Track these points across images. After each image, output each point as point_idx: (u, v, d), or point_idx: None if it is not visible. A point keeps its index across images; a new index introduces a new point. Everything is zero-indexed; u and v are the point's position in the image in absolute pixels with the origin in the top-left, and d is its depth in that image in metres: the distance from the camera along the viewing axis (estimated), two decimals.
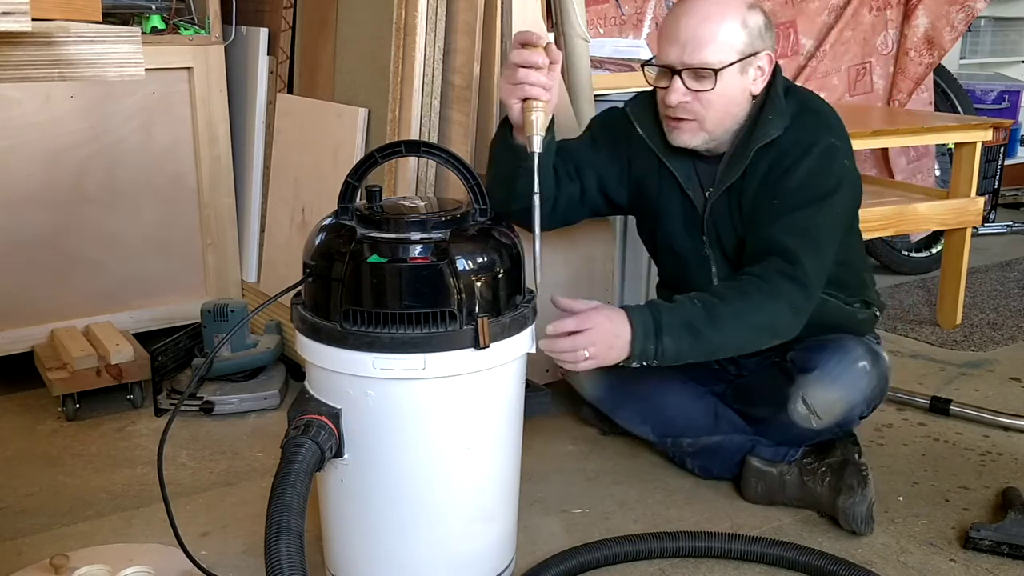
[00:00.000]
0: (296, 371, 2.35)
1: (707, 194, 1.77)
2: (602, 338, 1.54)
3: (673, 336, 1.57)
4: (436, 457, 1.42)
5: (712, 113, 1.67)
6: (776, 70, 1.72)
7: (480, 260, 1.39)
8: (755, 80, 1.69)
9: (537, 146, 1.52)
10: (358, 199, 1.47)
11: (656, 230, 1.88)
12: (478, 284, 1.38)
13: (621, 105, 1.88)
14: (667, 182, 1.81)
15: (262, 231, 2.62)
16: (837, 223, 1.69)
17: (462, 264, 1.37)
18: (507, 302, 1.43)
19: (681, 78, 1.64)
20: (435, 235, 1.38)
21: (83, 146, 2.38)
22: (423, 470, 1.42)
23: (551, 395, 2.14)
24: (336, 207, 1.45)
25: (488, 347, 1.37)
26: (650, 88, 1.75)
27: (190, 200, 2.53)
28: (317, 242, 1.43)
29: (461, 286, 1.36)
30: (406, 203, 1.49)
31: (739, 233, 1.75)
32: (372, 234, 1.38)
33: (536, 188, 1.48)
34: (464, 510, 1.46)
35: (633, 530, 1.71)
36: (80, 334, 2.35)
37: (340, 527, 1.49)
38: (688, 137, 1.71)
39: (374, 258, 1.36)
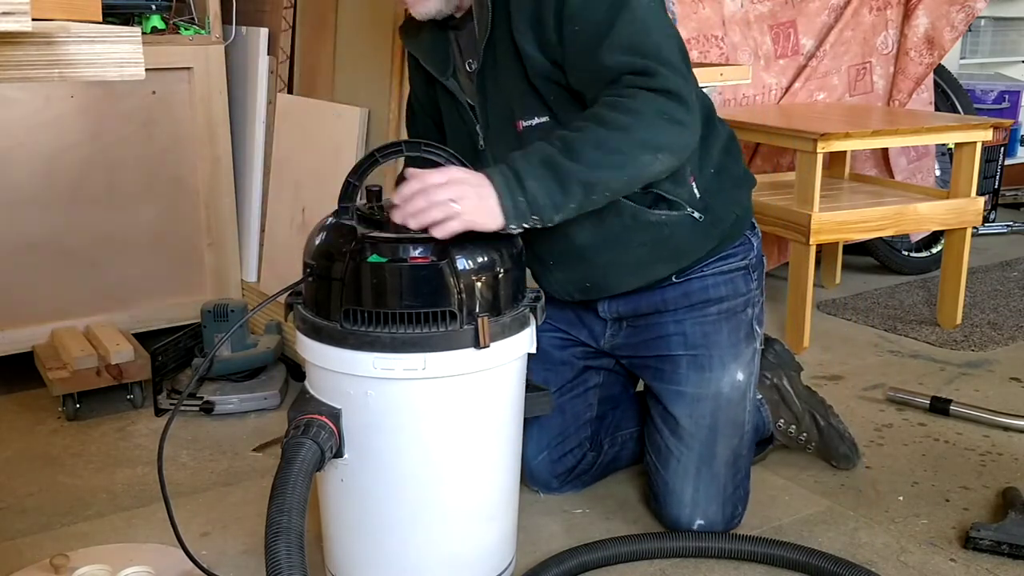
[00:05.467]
0: (296, 371, 2.35)
1: (473, 69, 1.57)
2: (468, 192, 1.36)
3: (536, 178, 1.38)
4: (436, 457, 1.42)
5: None
6: None
7: (480, 259, 1.38)
8: None
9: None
10: (358, 199, 1.47)
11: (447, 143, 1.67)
12: (478, 284, 1.37)
13: None
14: (436, 80, 1.64)
15: (262, 231, 2.62)
16: (656, 20, 1.47)
17: (462, 264, 1.36)
18: (508, 302, 1.42)
19: None
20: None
21: (83, 146, 2.38)
22: (423, 470, 1.42)
23: (551, 395, 2.14)
24: (336, 207, 1.45)
25: (488, 347, 1.37)
26: None
27: (190, 200, 2.53)
28: (317, 242, 1.43)
29: (461, 286, 1.35)
30: None
31: (518, 111, 1.55)
32: (373, 234, 1.37)
33: None
34: (464, 510, 1.46)
35: (633, 530, 1.71)
36: (80, 334, 2.35)
37: (340, 527, 1.49)
38: (423, 7, 1.53)
39: (374, 258, 1.35)
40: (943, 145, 3.39)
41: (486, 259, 1.39)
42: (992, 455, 2.01)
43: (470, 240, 1.38)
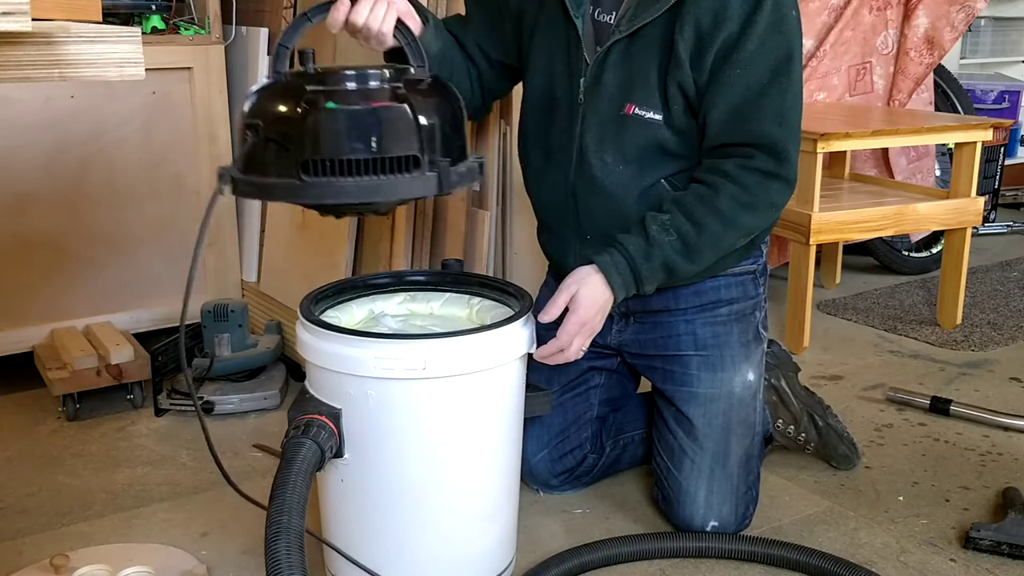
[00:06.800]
0: (296, 371, 2.35)
1: (603, 21, 1.55)
2: (595, 324, 1.53)
3: (652, 280, 1.53)
4: (436, 457, 1.42)
5: None
6: None
7: (436, 107, 1.35)
8: None
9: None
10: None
11: (527, 72, 1.67)
12: (437, 130, 1.33)
13: None
14: (549, 2, 1.60)
15: (262, 231, 2.62)
16: (801, 89, 1.54)
17: (421, 110, 1.32)
18: (461, 152, 1.40)
19: None
20: (385, 81, 1.34)
21: (83, 146, 2.38)
22: (423, 470, 1.42)
23: (551, 395, 2.14)
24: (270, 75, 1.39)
25: (451, 193, 1.36)
26: None
27: (190, 200, 2.53)
28: (261, 101, 1.36)
29: (422, 130, 1.31)
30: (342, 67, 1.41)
31: (637, 96, 1.53)
32: (319, 86, 1.31)
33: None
34: (464, 510, 1.46)
35: (633, 530, 1.71)
36: (80, 334, 2.35)
37: (340, 527, 1.49)
38: None
39: (331, 104, 1.29)
40: (943, 145, 3.39)
41: (441, 108, 1.36)
42: (992, 455, 2.01)
43: (421, 92, 1.35)
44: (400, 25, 1.48)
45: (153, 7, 2.39)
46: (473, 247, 2.05)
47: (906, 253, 3.35)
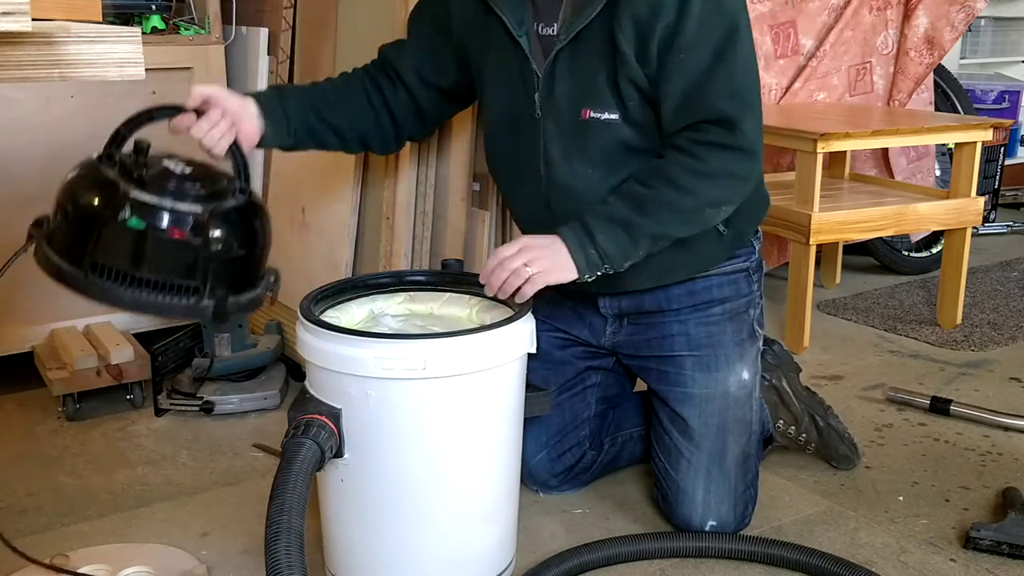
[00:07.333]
0: (296, 371, 2.35)
1: (546, 35, 1.55)
2: (539, 253, 1.48)
3: (606, 233, 1.48)
4: (437, 457, 1.42)
5: None
6: None
7: (236, 239, 1.40)
8: None
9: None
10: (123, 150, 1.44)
11: (483, 95, 1.69)
12: (227, 264, 1.39)
13: None
14: (493, 25, 1.59)
15: None
16: (752, 61, 1.52)
17: (217, 243, 1.37)
18: (248, 281, 1.44)
19: None
20: (194, 208, 1.37)
21: (83, 146, 2.35)
22: (424, 470, 1.42)
23: (551, 395, 2.14)
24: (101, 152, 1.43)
25: (227, 321, 1.41)
26: None
27: None
28: (76, 183, 1.41)
29: (210, 267, 1.37)
30: (172, 166, 1.43)
31: (590, 100, 1.54)
32: (134, 193, 1.35)
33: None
34: (464, 510, 1.46)
35: (633, 530, 1.71)
36: (80, 334, 2.35)
37: (340, 527, 1.49)
38: None
39: (135, 222, 1.34)
40: (943, 145, 3.39)
41: (241, 239, 1.40)
42: (992, 455, 2.01)
43: (226, 221, 1.39)
44: (234, 146, 1.52)
45: (153, 7, 2.39)
46: (473, 247, 2.05)
47: (906, 253, 3.35)
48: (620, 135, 1.55)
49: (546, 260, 1.48)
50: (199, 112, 1.51)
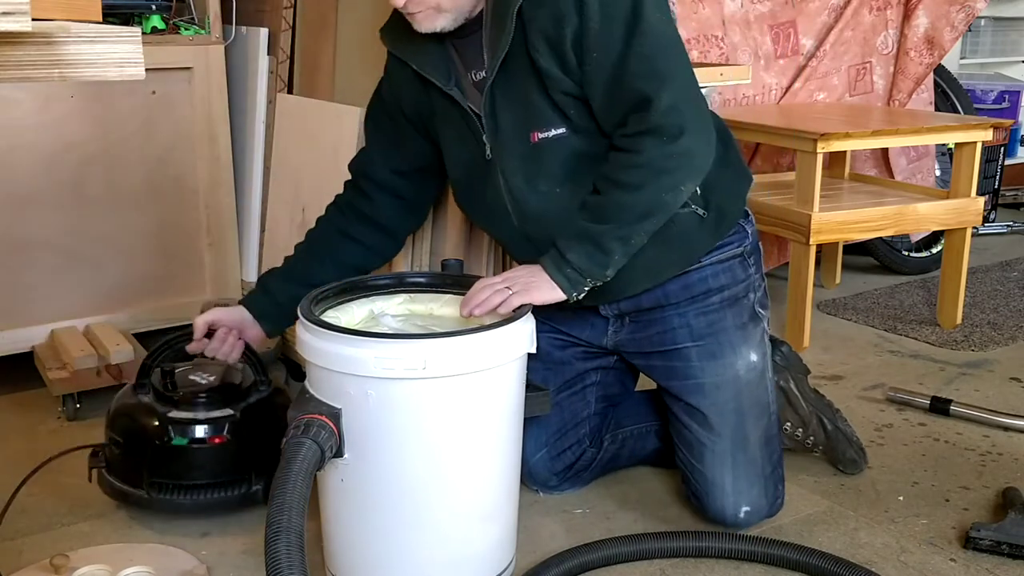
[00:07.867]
0: (296, 371, 2.34)
1: (480, 79, 1.58)
2: (516, 278, 1.52)
3: (576, 251, 1.50)
4: (437, 457, 1.42)
5: None
6: None
7: (266, 431, 1.67)
8: None
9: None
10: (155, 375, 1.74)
11: (446, 159, 1.71)
12: (265, 451, 1.63)
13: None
14: (432, 91, 1.63)
15: (262, 231, 2.62)
16: (664, 33, 1.50)
17: (251, 438, 1.68)
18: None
19: None
20: (226, 412, 1.68)
21: (83, 146, 2.38)
22: (424, 470, 1.42)
23: (550, 394, 2.14)
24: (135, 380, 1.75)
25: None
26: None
27: (190, 200, 2.53)
28: (122, 420, 1.71)
29: (251, 460, 1.68)
30: (198, 378, 1.75)
31: (534, 122, 1.55)
32: (171, 414, 1.67)
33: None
34: (464, 510, 1.46)
35: (633, 530, 1.71)
36: (80, 334, 2.35)
37: (340, 527, 1.49)
38: (430, 23, 1.53)
39: (178, 440, 1.64)
40: (943, 145, 3.39)
41: (272, 430, 1.60)
42: (992, 455, 2.01)
43: (256, 418, 1.70)
44: (246, 351, 1.78)
45: (153, 7, 2.39)
46: (473, 247, 2.05)
47: (906, 253, 3.35)
48: (573, 146, 1.56)
49: (524, 281, 1.52)
50: (209, 334, 1.75)
